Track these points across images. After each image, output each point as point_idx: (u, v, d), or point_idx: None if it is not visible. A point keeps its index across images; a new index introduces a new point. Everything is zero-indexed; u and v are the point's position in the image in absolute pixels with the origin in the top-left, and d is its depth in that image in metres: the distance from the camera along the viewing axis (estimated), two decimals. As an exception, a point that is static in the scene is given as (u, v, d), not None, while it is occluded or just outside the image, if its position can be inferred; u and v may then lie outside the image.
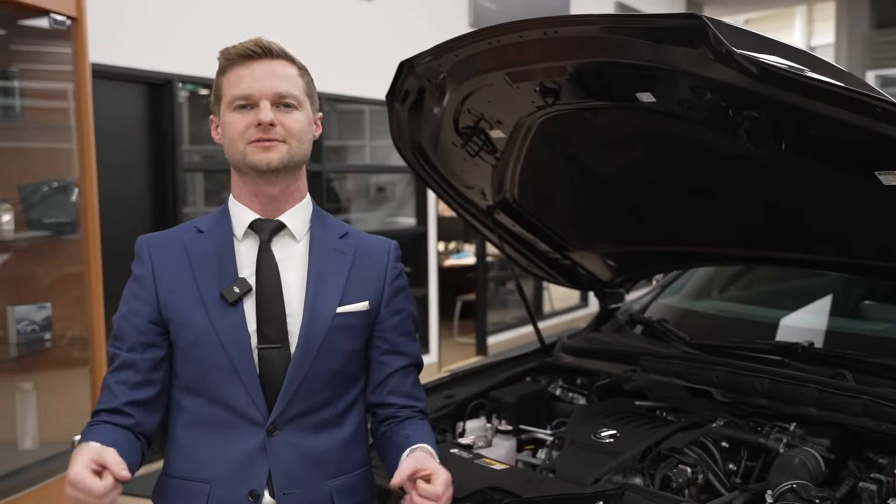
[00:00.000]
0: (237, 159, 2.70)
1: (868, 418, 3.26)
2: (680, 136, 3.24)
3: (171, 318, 2.68)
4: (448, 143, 3.89)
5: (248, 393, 2.65)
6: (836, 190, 3.21)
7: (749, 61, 2.54)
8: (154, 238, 2.80)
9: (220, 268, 2.70)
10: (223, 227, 2.78)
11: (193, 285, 2.68)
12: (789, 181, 3.34)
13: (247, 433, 2.67)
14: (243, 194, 2.77)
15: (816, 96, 2.62)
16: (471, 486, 3.11)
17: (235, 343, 2.65)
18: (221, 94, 2.71)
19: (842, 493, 3.16)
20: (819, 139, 2.94)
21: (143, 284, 2.71)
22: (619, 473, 3.41)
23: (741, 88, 2.77)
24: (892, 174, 2.85)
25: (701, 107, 2.97)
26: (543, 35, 3.06)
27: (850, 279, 4.42)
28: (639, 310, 4.84)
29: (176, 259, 2.72)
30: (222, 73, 2.71)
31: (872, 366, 3.53)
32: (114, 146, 7.99)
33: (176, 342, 2.71)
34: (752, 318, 4.69)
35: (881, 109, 2.55)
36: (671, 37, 2.76)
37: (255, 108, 2.65)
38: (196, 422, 2.70)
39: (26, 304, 5.42)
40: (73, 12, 5.39)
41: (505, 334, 13.71)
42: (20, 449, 5.30)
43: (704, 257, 4.57)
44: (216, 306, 2.65)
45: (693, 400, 3.83)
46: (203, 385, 2.68)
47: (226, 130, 2.70)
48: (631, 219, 4.20)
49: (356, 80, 9.55)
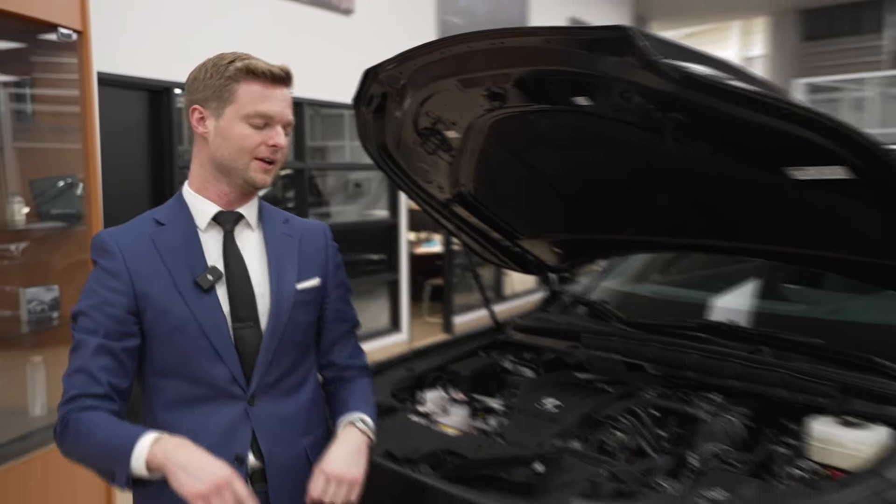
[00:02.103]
0: (235, 168, 2.67)
1: (783, 389, 3.28)
2: (614, 136, 3.24)
3: (148, 307, 2.61)
4: (409, 143, 3.88)
5: (230, 370, 2.65)
6: (752, 184, 3.21)
7: (671, 68, 2.54)
8: (117, 232, 2.70)
9: (188, 257, 2.66)
10: (184, 219, 2.73)
11: (167, 274, 2.62)
12: (712, 176, 3.34)
13: (228, 404, 2.66)
14: (211, 190, 2.74)
15: (732, 100, 2.62)
16: (427, 449, 3.12)
17: (214, 326, 2.63)
18: (235, 101, 2.63)
19: (759, 456, 3.14)
20: (737, 139, 2.95)
21: (117, 276, 2.60)
22: (561, 438, 3.41)
23: (665, 93, 2.77)
24: (801, 170, 2.86)
25: (631, 109, 2.96)
26: (490, 45, 3.06)
27: (774, 265, 4.43)
28: (582, 292, 4.83)
29: (145, 251, 2.64)
30: (240, 81, 2.62)
31: (788, 342, 3.53)
32: (118, 146, 8.05)
33: (153, 329, 2.62)
34: (685, 300, 4.71)
35: (790, 112, 2.55)
36: (602, 47, 2.75)
37: (269, 129, 2.65)
38: (176, 401, 2.65)
39: (36, 286, 5.40)
40: (78, 26, 5.40)
41: (469, 315, 13.76)
42: (31, 415, 5.33)
43: (640, 245, 4.57)
44: (191, 293, 2.62)
45: (628, 373, 3.83)
46: (184, 367, 2.64)
47: (232, 139, 2.64)
48: (574, 210, 4.19)
49: (337, 87, 9.52)
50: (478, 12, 13.46)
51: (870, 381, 3.14)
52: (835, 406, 3.10)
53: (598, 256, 5.01)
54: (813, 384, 3.17)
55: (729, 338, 3.69)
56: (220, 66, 2.64)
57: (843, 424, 2.94)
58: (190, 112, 2.69)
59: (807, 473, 2.93)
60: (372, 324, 11.94)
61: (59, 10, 5.31)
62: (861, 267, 3.43)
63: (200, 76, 2.68)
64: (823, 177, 2.82)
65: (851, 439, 2.88)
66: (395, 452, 3.15)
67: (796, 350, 3.48)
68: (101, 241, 2.65)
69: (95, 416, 2.48)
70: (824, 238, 3.39)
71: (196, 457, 2.38)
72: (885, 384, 3.11)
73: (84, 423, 2.46)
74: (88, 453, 2.49)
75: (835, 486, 2.61)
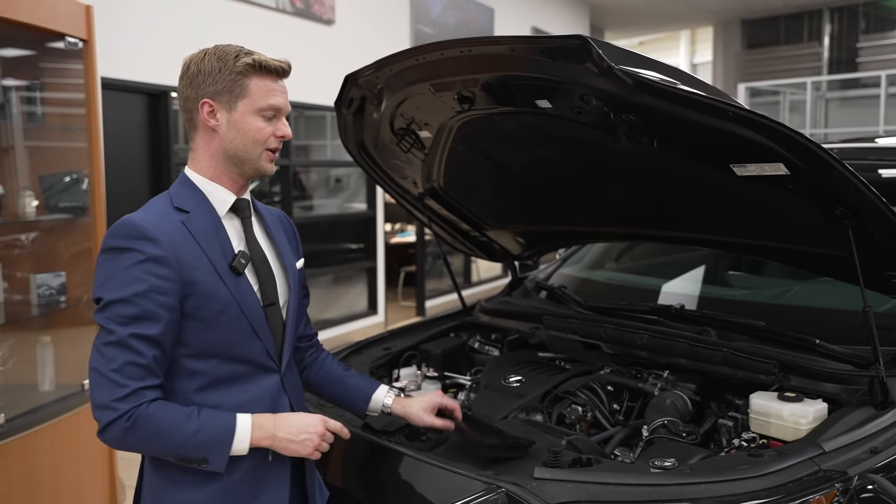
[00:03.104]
0: (249, 158, 2.60)
1: (727, 367, 3.29)
2: (573, 135, 3.24)
3: (194, 293, 2.46)
4: (385, 142, 3.87)
5: (265, 347, 2.62)
6: (701, 179, 3.22)
7: (625, 74, 2.54)
8: (150, 219, 2.48)
9: (219, 242, 2.56)
10: (205, 206, 2.59)
11: (207, 261, 2.50)
12: (663, 173, 3.34)
13: (266, 378, 2.64)
14: (225, 178, 2.63)
15: (681, 102, 2.62)
16: (400, 421, 3.12)
17: (250, 307, 2.57)
18: (247, 96, 2.56)
19: (705, 428, 3.18)
20: (684, 138, 2.94)
21: (166, 264, 2.41)
22: (524, 412, 3.41)
23: (619, 96, 2.78)
24: (744, 167, 2.86)
25: (588, 111, 2.95)
26: (460, 53, 3.04)
27: (720, 253, 4.44)
28: (543, 278, 4.83)
29: (184, 238, 2.49)
30: (249, 76, 2.55)
31: (731, 324, 3.54)
32: (119, 145, 8.13)
33: (196, 314, 2.47)
34: (637, 286, 4.72)
35: (732, 113, 2.57)
36: (563, 55, 2.74)
37: (276, 120, 2.62)
38: (212, 380, 2.53)
39: (45, 273, 5.40)
40: (83, 35, 5.43)
41: (440, 299, 13.86)
42: (40, 390, 5.34)
43: (597, 235, 4.58)
44: (229, 277, 2.53)
45: (585, 352, 3.85)
46: (224, 348, 2.54)
47: (247, 132, 2.57)
48: (536, 203, 4.19)
49: (319, 91, 9.50)
50: (448, 23, 13.51)
51: (807, 359, 3.15)
52: (774, 382, 3.11)
53: (558, 245, 5.02)
54: (754, 362, 3.18)
55: (678, 320, 3.70)
56: (226, 61, 2.56)
57: (781, 399, 2.94)
58: (199, 106, 2.56)
59: (748, 443, 2.94)
60: (351, 307, 11.99)
61: (66, 20, 5.34)
62: (797, 255, 3.44)
63: (206, 69, 2.56)
64: (763, 173, 2.82)
65: (789, 412, 2.88)
66: (372, 424, 3.16)
67: (739, 331, 3.49)
68: (140, 229, 2.43)
69: (170, 409, 2.39)
70: (764, 229, 3.40)
71: (294, 421, 2.53)
72: (822, 362, 3.12)
73: (161, 418, 2.36)
74: (172, 445, 2.38)
75: (773, 455, 2.62)
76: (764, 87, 19.33)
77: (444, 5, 13.52)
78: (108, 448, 5.47)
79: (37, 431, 4.92)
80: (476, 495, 2.56)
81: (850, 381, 3.01)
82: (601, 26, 22.67)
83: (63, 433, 5.14)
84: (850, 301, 2.98)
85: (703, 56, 27.61)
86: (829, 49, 21.67)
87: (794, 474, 2.51)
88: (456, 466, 2.70)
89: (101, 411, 2.32)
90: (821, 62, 21.59)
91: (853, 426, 2.74)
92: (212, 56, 2.58)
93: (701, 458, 2.80)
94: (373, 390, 3.06)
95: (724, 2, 20.94)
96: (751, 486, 2.47)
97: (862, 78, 19.03)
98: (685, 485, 2.50)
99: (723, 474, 2.52)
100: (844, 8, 21.31)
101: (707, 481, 2.50)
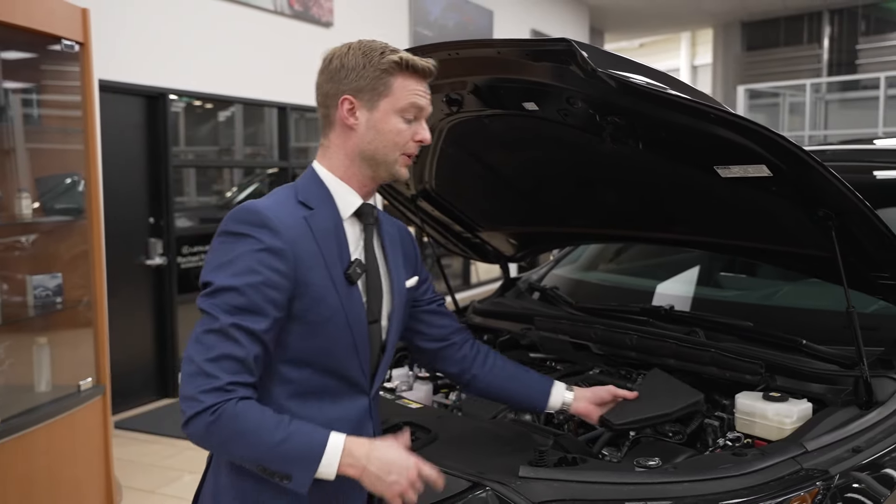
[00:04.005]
0: (385, 161, 2.49)
1: (714, 367, 3.30)
2: (561, 137, 3.26)
3: (305, 295, 2.35)
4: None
5: (361, 365, 2.49)
6: (687, 181, 3.24)
7: (609, 77, 2.55)
8: (273, 208, 2.37)
9: (338, 246, 2.45)
10: (330, 205, 2.48)
11: (322, 263, 2.38)
12: (651, 175, 3.36)
13: (354, 398, 2.51)
14: (355, 180, 2.52)
15: (663, 105, 2.64)
16: (392, 420, 3.14)
17: (357, 321, 2.45)
18: (390, 94, 2.44)
19: (691, 428, 3.17)
20: (668, 140, 2.96)
21: (283, 258, 2.30)
22: (513, 411, 3.43)
23: (604, 99, 2.81)
24: (728, 168, 2.88)
25: (574, 113, 2.98)
26: (448, 56, 3.04)
27: (714, 255, 4.47)
28: (536, 279, 4.86)
29: (304, 235, 2.37)
30: (394, 74, 2.44)
31: (719, 325, 3.56)
32: (118, 147, 8.23)
33: (303, 317, 2.36)
34: (631, 287, 4.75)
35: (714, 116, 2.58)
36: (549, 58, 2.76)
37: (416, 123, 2.50)
38: (302, 391, 2.40)
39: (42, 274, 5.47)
40: (80, 38, 5.51)
41: (436, 300, 13.70)
42: (36, 391, 5.39)
43: (588, 237, 4.62)
44: (342, 285, 2.41)
45: (575, 352, 3.86)
46: (321, 358, 2.42)
47: (387, 133, 2.46)
48: (528, 205, 4.21)
49: (319, 93, 9.55)
50: (447, 25, 13.55)
51: (794, 360, 3.16)
52: (760, 382, 3.14)
53: (550, 247, 5.05)
54: (741, 362, 3.19)
55: (667, 320, 3.71)
56: (371, 57, 2.43)
57: (766, 399, 2.97)
58: (339, 102, 2.46)
59: (733, 443, 2.96)
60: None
61: (63, 23, 5.40)
62: (785, 256, 3.47)
63: (349, 64, 2.45)
64: (747, 175, 2.84)
65: (774, 412, 2.91)
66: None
67: (727, 332, 3.50)
68: (262, 217, 2.33)
69: (260, 412, 2.22)
70: (752, 230, 3.42)
71: (389, 458, 2.28)
72: (807, 363, 3.14)
73: (248, 419, 2.20)
74: (256, 452, 2.21)
75: (757, 454, 2.64)
76: (763, 89, 19.37)
77: (443, 7, 13.58)
78: (105, 448, 5.54)
79: (33, 432, 4.96)
80: (461, 493, 2.59)
81: (836, 381, 3.02)
82: (601, 28, 22.70)
83: (59, 434, 5.18)
84: (839, 302, 3.00)
85: (703, 58, 27.66)
86: (829, 51, 21.74)
87: (776, 473, 2.53)
88: (442, 465, 2.72)
89: (187, 402, 2.19)
90: (820, 64, 21.65)
91: (837, 426, 2.75)
92: (356, 51, 2.46)
93: (686, 457, 2.83)
94: (550, 389, 3.06)
95: (723, 4, 20.99)
96: (732, 485, 2.50)
97: (861, 80, 19.10)
98: (668, 483, 2.53)
99: (705, 473, 2.55)
100: (844, 10, 21.37)
101: (689, 480, 2.52)
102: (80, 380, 5.50)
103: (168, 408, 8.62)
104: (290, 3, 10.14)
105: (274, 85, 9.75)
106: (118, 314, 7.98)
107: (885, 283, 3.10)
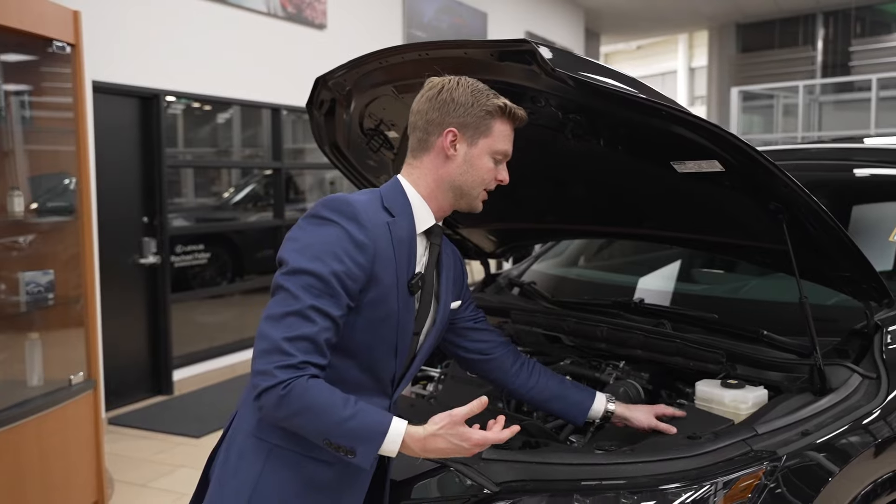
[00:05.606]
0: (469, 194, 2.69)
1: (680, 357, 3.40)
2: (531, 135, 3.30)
3: (373, 290, 2.48)
4: (356, 142, 3.98)
5: (395, 368, 2.63)
6: (647, 177, 3.33)
7: (567, 76, 2.65)
8: (363, 204, 2.52)
9: (408, 256, 2.59)
10: (409, 217, 2.62)
11: (394, 267, 2.52)
12: (613, 170, 3.47)
13: (379, 399, 2.61)
14: (436, 203, 2.69)
15: (618, 102, 2.73)
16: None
17: (405, 329, 2.60)
18: (490, 135, 2.66)
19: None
20: (627, 136, 3.09)
21: (365, 252, 2.44)
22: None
23: (563, 97, 2.91)
24: (683, 164, 2.99)
25: (539, 112, 3.06)
26: (418, 56, 3.15)
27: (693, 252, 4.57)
28: (516, 275, 4.95)
29: (385, 237, 2.51)
30: (496, 117, 2.66)
31: (686, 317, 3.67)
32: (111, 148, 8.25)
33: (364, 312, 2.50)
34: (607, 282, 4.85)
35: (666, 112, 2.67)
36: (512, 58, 2.86)
37: (500, 166, 2.74)
38: (338, 379, 2.44)
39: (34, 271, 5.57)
40: (71, 40, 5.58)
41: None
42: (28, 385, 5.48)
43: (565, 232, 4.73)
44: (403, 292, 2.56)
45: (549, 344, 3.96)
46: (365, 355, 2.56)
47: (479, 169, 2.67)
48: (505, 202, 4.19)
49: (312, 95, 9.61)
50: (441, 27, 13.56)
51: (754, 349, 3.27)
52: (721, 371, 3.25)
53: (529, 242, 5.12)
54: (704, 352, 3.29)
55: (636, 313, 3.82)
56: (479, 97, 2.64)
57: (724, 386, 3.09)
58: (444, 132, 2.63)
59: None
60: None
61: (54, 25, 5.48)
62: (749, 251, 3.56)
63: (459, 99, 2.63)
64: (701, 170, 2.94)
65: (730, 398, 3.03)
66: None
67: (693, 323, 3.61)
68: (354, 210, 2.48)
69: (329, 389, 2.33)
70: (716, 226, 3.52)
71: (440, 446, 2.37)
72: (767, 352, 3.24)
73: (318, 394, 2.31)
74: (324, 425, 2.32)
75: (710, 437, 2.76)
76: (757, 91, 19.41)
77: (436, 9, 13.62)
78: (96, 442, 5.62)
79: (23, 424, 5.05)
80: (426, 473, 2.71)
81: (792, 369, 3.13)
82: (596, 30, 22.75)
83: (50, 427, 5.27)
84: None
85: (700, 60, 27.67)
86: (823, 53, 21.80)
87: (726, 454, 2.65)
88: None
89: (260, 377, 2.30)
90: (814, 66, 21.71)
91: (789, 411, 2.87)
92: (465, 88, 2.65)
93: (644, 440, 2.95)
94: (588, 405, 3.16)
95: (718, 6, 21.05)
96: (684, 465, 2.62)
97: (854, 81, 19.15)
98: (622, 464, 2.65)
99: (659, 454, 2.67)
100: (838, 12, 21.43)
101: (643, 461, 2.65)
102: (70, 374, 5.58)
103: (162, 404, 8.70)
104: (283, 5, 10.21)
105: (267, 86, 9.84)
106: (112, 312, 8.08)
107: (843, 276, 3.20)
